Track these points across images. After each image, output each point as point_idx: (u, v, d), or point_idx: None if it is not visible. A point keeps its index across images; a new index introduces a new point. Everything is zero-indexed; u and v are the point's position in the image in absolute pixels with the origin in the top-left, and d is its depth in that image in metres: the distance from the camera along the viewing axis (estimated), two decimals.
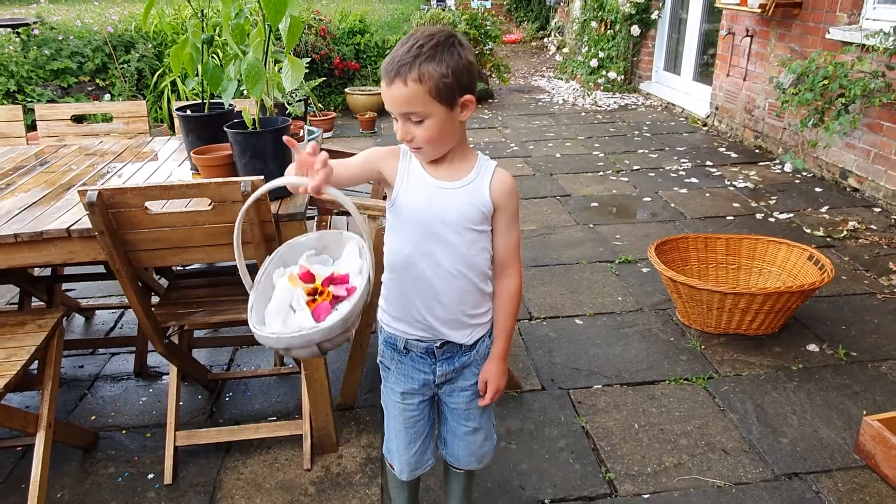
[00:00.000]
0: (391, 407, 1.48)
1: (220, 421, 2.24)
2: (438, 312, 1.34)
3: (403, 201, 1.29)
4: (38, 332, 1.89)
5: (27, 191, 2.02)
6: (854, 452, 1.99)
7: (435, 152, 1.26)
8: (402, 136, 1.23)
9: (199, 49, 1.99)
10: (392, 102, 1.20)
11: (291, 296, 1.20)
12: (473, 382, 1.44)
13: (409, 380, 1.43)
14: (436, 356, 1.39)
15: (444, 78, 1.17)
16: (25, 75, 5.38)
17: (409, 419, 1.46)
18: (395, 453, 1.51)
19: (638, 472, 1.94)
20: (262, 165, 1.79)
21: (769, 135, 4.96)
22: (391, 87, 1.18)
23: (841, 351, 2.49)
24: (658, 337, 2.64)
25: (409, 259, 1.31)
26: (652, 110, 6.57)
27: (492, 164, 1.33)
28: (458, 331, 1.37)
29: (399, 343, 1.40)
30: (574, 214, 3.94)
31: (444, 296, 1.33)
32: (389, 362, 1.45)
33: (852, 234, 3.51)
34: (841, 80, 3.73)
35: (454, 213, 1.28)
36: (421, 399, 1.45)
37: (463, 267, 1.31)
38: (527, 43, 11.47)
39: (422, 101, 1.17)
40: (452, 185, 1.29)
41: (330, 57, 6.52)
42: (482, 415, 1.50)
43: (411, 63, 1.15)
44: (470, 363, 1.42)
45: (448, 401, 1.47)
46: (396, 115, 1.21)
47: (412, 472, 1.52)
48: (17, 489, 1.94)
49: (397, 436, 1.49)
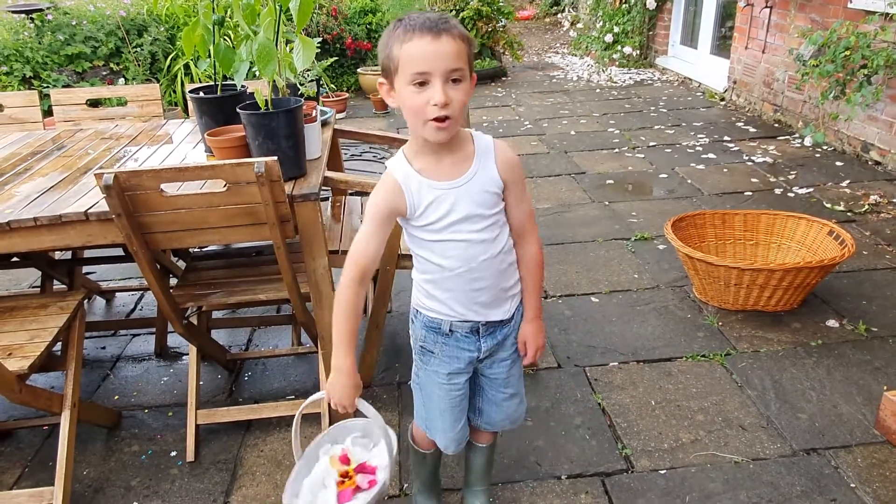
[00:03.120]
0: (434, 388, 1.46)
1: (240, 400, 2.28)
2: (482, 299, 1.35)
3: (428, 218, 1.27)
4: (60, 313, 1.93)
5: (45, 175, 2.04)
6: (874, 428, 1.97)
7: (457, 127, 1.20)
8: (443, 100, 1.12)
9: (210, 30, 1.98)
10: (440, 57, 1.11)
11: (328, 473, 1.37)
12: (513, 351, 1.46)
13: (456, 360, 1.42)
14: (480, 333, 1.40)
15: (472, 43, 1.17)
16: (41, 61, 5.41)
17: (454, 398, 1.46)
18: (440, 432, 1.51)
19: (654, 447, 1.95)
20: (276, 146, 1.79)
21: (788, 108, 4.87)
22: (439, 39, 1.10)
23: (861, 326, 2.46)
24: (675, 314, 2.62)
25: (446, 264, 1.31)
26: (668, 85, 6.47)
27: (488, 141, 1.30)
28: (498, 308, 1.39)
29: (444, 326, 1.39)
30: (589, 192, 3.90)
31: (483, 284, 1.33)
32: (433, 346, 1.42)
33: (874, 209, 3.45)
34: (863, 51, 3.63)
35: (476, 205, 1.26)
36: (466, 377, 1.46)
37: (493, 252, 1.31)
38: (540, 19, 11.30)
39: (465, 59, 1.15)
40: (461, 182, 1.26)
41: (342, 37, 6.48)
42: (519, 379, 1.52)
43: (450, 20, 1.13)
44: (511, 333, 1.44)
45: (488, 372, 1.48)
46: (436, 76, 1.11)
47: (458, 447, 1.53)
48: (45, 467, 1.99)
49: (442, 416, 1.48)
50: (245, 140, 1.89)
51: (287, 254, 1.78)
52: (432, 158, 1.25)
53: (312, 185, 1.82)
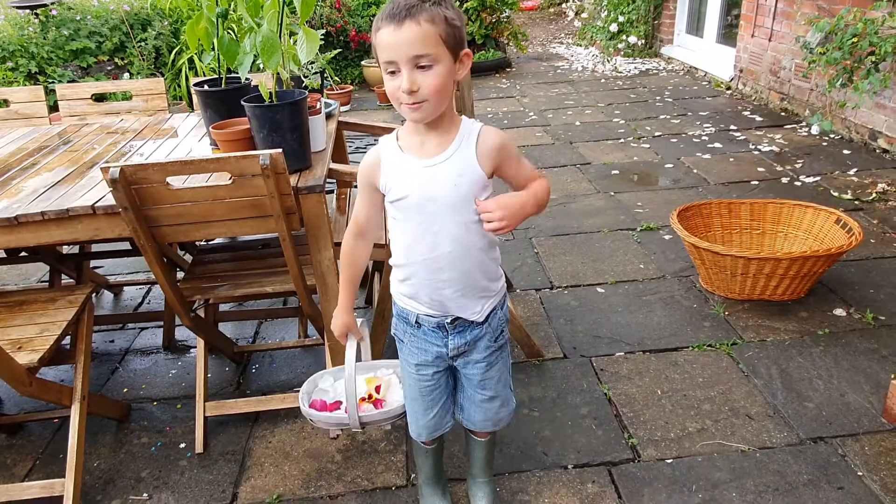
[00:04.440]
0: (407, 377, 1.50)
1: (248, 392, 2.29)
2: (447, 293, 1.34)
3: (395, 194, 1.28)
4: (68, 307, 1.94)
5: (52, 170, 2.05)
6: (881, 416, 1.97)
7: (436, 109, 1.20)
8: (408, 87, 1.15)
9: (214, 23, 1.98)
10: (402, 45, 1.13)
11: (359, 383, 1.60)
12: (487, 355, 1.44)
13: (423, 352, 1.44)
14: (447, 331, 1.40)
15: (453, 21, 1.16)
16: (46, 56, 5.42)
17: (424, 388, 1.48)
18: (412, 417, 1.53)
19: (661, 437, 1.95)
20: (280, 138, 1.79)
21: (795, 97, 4.83)
22: (401, 28, 1.12)
23: (869, 315, 2.45)
24: (681, 304, 2.62)
25: (412, 247, 1.32)
26: (674, 75, 6.43)
27: (476, 127, 1.28)
28: (469, 308, 1.37)
29: (411, 317, 1.41)
30: (594, 182, 3.89)
31: (451, 276, 1.33)
32: (403, 335, 1.46)
33: (881, 197, 3.43)
34: (871, 38, 3.59)
35: (444, 190, 1.25)
36: (435, 370, 1.46)
37: (466, 245, 1.30)
38: (544, 10, 11.24)
39: (434, 43, 1.14)
40: (436, 161, 1.25)
41: (346, 29, 6.46)
42: (498, 382, 1.50)
43: (420, 5, 1.13)
44: (483, 336, 1.42)
45: (464, 371, 1.48)
46: (402, 64, 1.14)
47: (430, 435, 1.55)
48: (56, 459, 2.01)
49: (413, 402, 1.52)
50: (250, 133, 1.89)
51: (293, 246, 1.79)
52: (418, 138, 1.28)
53: (317, 177, 1.82)
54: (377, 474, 1.88)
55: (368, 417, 1.52)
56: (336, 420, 1.54)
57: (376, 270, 2.59)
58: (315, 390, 1.65)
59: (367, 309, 2.70)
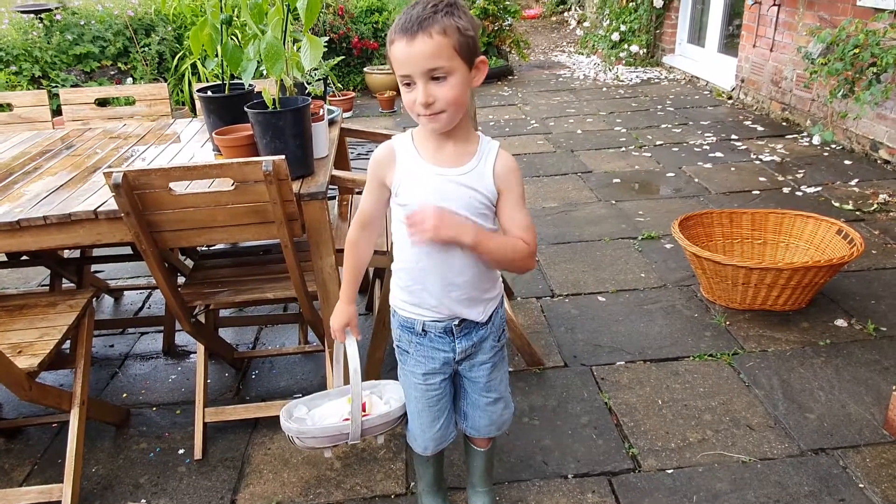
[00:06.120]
0: (411, 389, 1.48)
1: (247, 398, 2.29)
2: (454, 295, 1.35)
3: (406, 198, 1.28)
4: (69, 312, 1.94)
5: (54, 174, 2.06)
6: (883, 428, 1.96)
7: (453, 118, 1.21)
8: (424, 100, 1.16)
9: (218, 29, 1.99)
10: (415, 59, 1.13)
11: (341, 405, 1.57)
12: (492, 355, 1.46)
13: (430, 360, 1.43)
14: (454, 334, 1.40)
15: (466, 31, 1.15)
16: (49, 60, 5.44)
17: (431, 398, 1.47)
18: (418, 433, 1.52)
19: (661, 447, 1.94)
20: (283, 145, 1.79)
21: (797, 107, 4.84)
22: (413, 42, 1.13)
23: (870, 326, 2.45)
24: (682, 313, 2.61)
25: (419, 252, 1.31)
26: (675, 84, 6.44)
27: (494, 146, 1.29)
28: (473, 308, 1.38)
29: (417, 326, 1.40)
30: (596, 191, 3.90)
31: (458, 281, 1.33)
32: (408, 346, 1.44)
33: (883, 208, 3.43)
34: (873, 49, 3.61)
35: (460, 203, 1.25)
36: (442, 378, 1.46)
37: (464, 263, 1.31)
38: (547, 18, 11.28)
39: (448, 55, 1.14)
40: (456, 173, 1.26)
41: (349, 36, 6.49)
42: (500, 383, 1.51)
43: (432, 17, 1.13)
44: (487, 336, 1.43)
45: (469, 375, 1.48)
46: (416, 77, 1.15)
47: (437, 447, 1.54)
48: (54, 464, 2.00)
49: (419, 416, 1.50)
50: (253, 139, 1.89)
51: (294, 252, 1.79)
52: (434, 143, 1.28)
53: (320, 183, 1.82)
54: (376, 482, 1.87)
55: (370, 422, 1.50)
56: (333, 432, 1.48)
57: (377, 277, 2.59)
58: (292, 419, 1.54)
59: (368, 316, 2.70)
